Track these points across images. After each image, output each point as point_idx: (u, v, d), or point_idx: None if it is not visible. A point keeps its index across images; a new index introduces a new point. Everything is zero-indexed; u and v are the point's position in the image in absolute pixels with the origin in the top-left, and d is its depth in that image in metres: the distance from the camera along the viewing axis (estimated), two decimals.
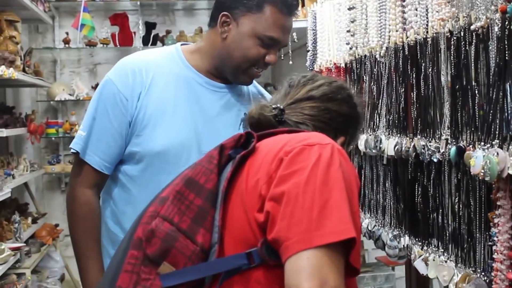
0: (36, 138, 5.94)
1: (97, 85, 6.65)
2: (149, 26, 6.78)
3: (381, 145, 2.52)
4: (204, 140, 2.18)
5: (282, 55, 4.26)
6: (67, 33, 6.64)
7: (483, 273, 1.89)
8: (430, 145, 2.14)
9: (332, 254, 1.30)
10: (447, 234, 2.13)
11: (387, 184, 2.62)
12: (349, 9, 2.94)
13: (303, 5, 4.32)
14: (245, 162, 1.52)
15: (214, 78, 2.26)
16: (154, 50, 2.36)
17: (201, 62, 2.26)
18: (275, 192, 1.40)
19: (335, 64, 3.22)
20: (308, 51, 3.80)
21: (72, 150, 2.22)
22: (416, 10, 2.24)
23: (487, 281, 1.86)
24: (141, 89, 2.17)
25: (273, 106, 1.69)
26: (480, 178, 1.76)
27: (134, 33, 6.74)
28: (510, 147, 1.68)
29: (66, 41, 6.65)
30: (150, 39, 6.75)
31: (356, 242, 1.35)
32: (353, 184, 1.42)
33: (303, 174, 1.39)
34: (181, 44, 2.36)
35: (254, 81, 2.44)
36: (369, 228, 2.77)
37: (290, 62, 4.20)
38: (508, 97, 1.68)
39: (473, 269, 1.95)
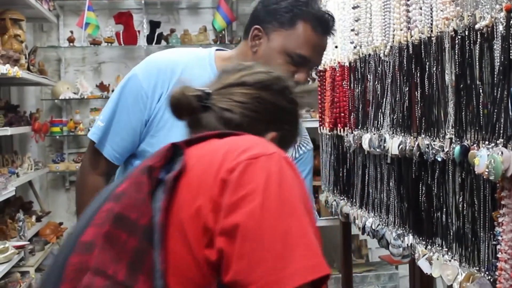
0: (41, 137, 5.95)
1: (101, 83, 6.74)
2: (154, 25, 6.78)
3: (385, 144, 2.52)
4: None
5: None
6: (71, 32, 6.65)
7: (487, 272, 1.89)
8: (434, 144, 2.13)
9: None
10: (451, 233, 2.13)
11: (391, 183, 2.62)
12: (354, 8, 2.94)
13: None
14: (177, 184, 1.29)
15: None
16: (189, 49, 2.35)
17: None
18: (226, 225, 1.20)
19: (339, 63, 3.22)
20: None
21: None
22: (421, 9, 2.24)
23: (491, 280, 1.86)
24: (163, 90, 2.16)
25: (198, 89, 1.51)
26: (484, 177, 1.76)
27: (139, 31, 6.74)
28: None
29: (71, 40, 6.65)
30: (155, 38, 6.75)
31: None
32: (304, 192, 1.30)
33: (254, 199, 1.21)
34: (217, 49, 2.34)
35: None
36: (373, 227, 2.77)
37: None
38: None
39: (477, 268, 1.95)
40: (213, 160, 1.30)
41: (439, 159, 2.11)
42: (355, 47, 2.95)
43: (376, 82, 2.67)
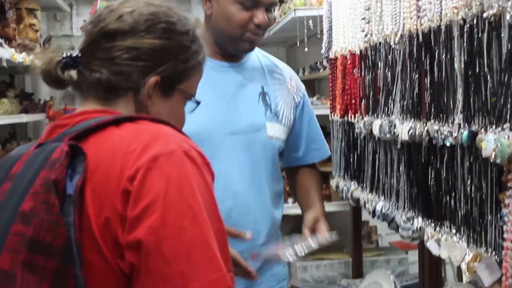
0: None
1: None
2: None
3: (395, 130, 2.58)
4: (228, 123, 2.24)
5: (298, 42, 4.33)
6: (84, 21, 6.72)
7: (493, 252, 1.96)
8: (443, 130, 2.20)
9: None
10: (459, 216, 2.19)
11: (401, 168, 2.68)
12: None
13: None
14: (83, 192, 1.28)
15: (223, 59, 2.31)
16: None
17: (206, 47, 2.33)
18: (130, 240, 1.22)
19: (350, 51, 3.28)
20: (319, 37, 3.86)
21: None
22: None
23: (498, 260, 1.93)
24: None
25: (64, 55, 1.45)
26: (491, 160, 1.83)
27: None
28: None
29: (84, 29, 6.73)
30: None
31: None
32: (209, 196, 1.29)
33: (154, 212, 1.22)
34: None
35: (267, 54, 2.50)
36: (383, 211, 2.84)
37: (306, 49, 4.27)
38: None
39: (484, 248, 2.01)
40: (113, 164, 1.28)
41: (448, 144, 2.18)
42: (366, 36, 3.00)
43: (387, 70, 2.73)
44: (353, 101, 3.22)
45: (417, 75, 2.44)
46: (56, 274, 1.21)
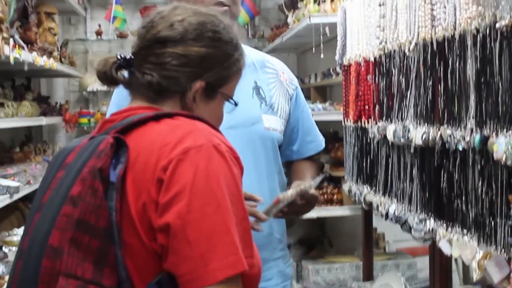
0: (70, 127, 6.16)
1: None
2: None
3: (409, 135, 2.67)
4: (224, 118, 2.27)
5: (313, 48, 4.42)
6: (99, 25, 6.84)
7: (503, 250, 2.04)
8: (456, 134, 2.29)
9: (231, 284, 1.33)
10: (470, 217, 2.28)
11: (414, 172, 2.77)
12: (380, 5, 3.08)
13: (332, 0, 4.47)
14: (125, 180, 1.42)
15: None
16: None
17: None
18: (161, 224, 1.36)
19: (364, 58, 3.37)
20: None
21: None
22: (445, 7, 2.38)
23: (507, 257, 2.02)
24: None
25: (118, 56, 1.55)
26: (502, 163, 1.92)
27: None
28: None
29: (98, 33, 6.85)
30: None
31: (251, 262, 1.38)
32: (235, 188, 1.41)
33: (182, 199, 1.35)
34: None
35: (256, 50, 2.57)
36: (396, 214, 2.93)
37: (322, 56, 4.36)
38: None
39: (494, 247, 2.10)
40: (151, 156, 1.41)
41: (460, 148, 2.27)
42: (380, 43, 3.09)
43: (401, 77, 2.82)
44: (367, 107, 3.31)
45: (431, 82, 2.53)
46: (98, 251, 1.36)
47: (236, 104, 1.72)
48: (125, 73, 1.58)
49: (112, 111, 2.24)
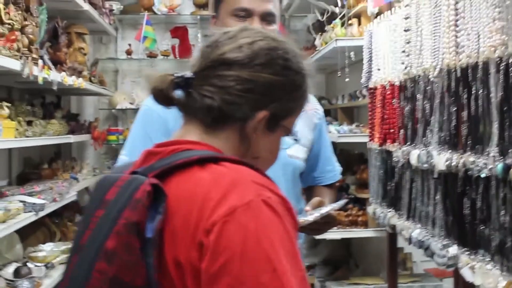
0: (99, 144, 6.22)
1: None
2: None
3: (432, 160, 2.67)
4: None
5: (339, 72, 4.44)
6: (129, 45, 6.92)
7: None
8: (478, 161, 2.29)
9: None
10: (493, 245, 2.27)
11: (437, 197, 2.76)
12: (405, 30, 3.10)
13: (359, 24, 4.49)
14: (163, 234, 1.29)
15: None
16: None
17: None
18: None
19: (389, 82, 3.38)
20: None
21: None
22: (469, 35, 2.39)
23: None
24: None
25: (176, 75, 1.41)
26: None
27: (193, 45, 6.98)
28: None
29: (129, 52, 6.93)
30: None
31: None
32: (289, 240, 1.26)
33: (233, 269, 1.20)
34: None
35: None
36: (419, 238, 2.92)
37: (347, 79, 4.38)
38: None
39: None
40: (191, 209, 1.27)
41: (483, 175, 2.26)
42: (405, 68, 3.10)
43: (425, 102, 2.83)
44: (392, 130, 3.32)
45: (454, 108, 2.53)
46: None
47: (296, 140, 1.60)
48: (182, 94, 1.44)
49: (130, 148, 2.27)
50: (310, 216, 2.23)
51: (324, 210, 2.22)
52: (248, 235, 1.21)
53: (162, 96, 1.42)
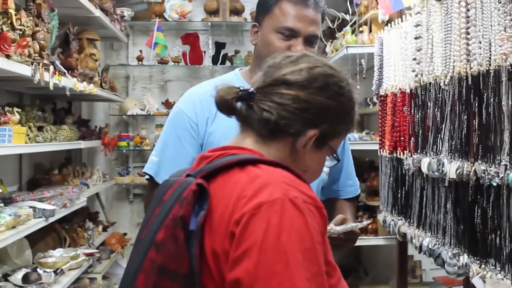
0: (109, 150, 6.22)
1: (167, 101, 7.00)
2: (219, 46, 7.02)
3: (443, 168, 2.66)
4: None
5: (350, 78, 4.43)
6: (140, 51, 6.93)
7: None
8: (490, 170, 2.27)
9: None
10: (504, 254, 2.26)
11: (448, 206, 2.75)
12: (416, 38, 3.09)
13: (370, 31, 4.49)
14: (204, 227, 1.45)
15: None
16: (216, 79, 2.53)
17: (254, 75, 2.41)
18: (230, 279, 1.37)
19: (400, 89, 3.37)
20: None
21: (146, 177, 2.37)
22: (480, 43, 2.39)
23: None
24: (209, 114, 2.29)
25: (240, 88, 1.57)
26: None
27: (204, 52, 6.99)
28: None
29: (140, 59, 6.94)
30: (219, 59, 6.98)
31: None
32: (310, 242, 1.38)
33: (251, 256, 1.35)
34: (240, 69, 2.50)
35: None
36: (430, 247, 2.91)
37: (357, 87, 4.36)
38: None
39: None
40: (228, 206, 1.43)
41: (494, 184, 2.25)
42: (416, 76, 3.09)
43: (436, 109, 2.82)
44: (402, 138, 3.30)
45: (465, 116, 2.52)
46: None
47: (338, 160, 1.71)
48: (244, 106, 1.59)
49: (161, 150, 2.32)
50: (336, 227, 2.23)
51: (349, 225, 2.24)
52: (270, 228, 1.35)
53: (226, 105, 1.58)
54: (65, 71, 4.13)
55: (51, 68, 3.67)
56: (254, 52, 2.43)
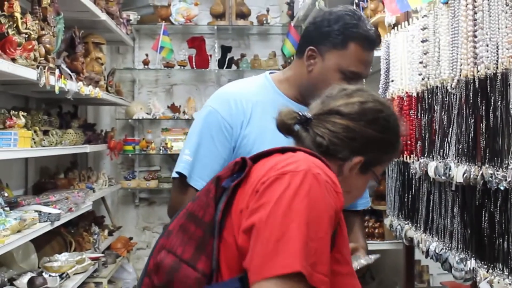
0: (115, 154, 6.22)
1: (173, 104, 6.99)
2: (225, 50, 7.02)
3: (450, 172, 2.64)
4: None
5: None
6: (146, 55, 6.93)
7: None
8: (497, 174, 2.26)
9: (285, 283, 1.44)
10: None
11: (455, 210, 2.73)
12: (422, 41, 3.08)
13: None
14: (238, 190, 1.64)
15: (300, 104, 2.39)
16: (247, 80, 2.51)
17: (289, 90, 2.40)
18: (245, 225, 1.54)
19: (407, 93, 3.35)
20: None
21: (173, 174, 2.34)
22: (487, 46, 2.37)
23: None
24: (243, 118, 2.30)
25: (300, 113, 1.76)
26: None
27: (210, 56, 6.99)
28: None
29: (146, 62, 6.94)
30: (226, 62, 6.98)
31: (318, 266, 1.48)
32: (321, 211, 1.51)
33: (267, 207, 1.51)
34: (270, 73, 2.49)
35: None
36: (437, 251, 2.89)
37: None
38: None
39: None
40: (260, 174, 1.61)
41: (502, 188, 2.23)
42: (423, 79, 3.08)
43: (443, 113, 2.80)
44: (409, 142, 3.29)
45: (472, 120, 2.50)
46: (200, 240, 1.61)
47: (379, 184, 1.91)
48: (301, 128, 1.78)
49: (195, 150, 2.32)
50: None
51: (362, 261, 2.24)
52: (288, 190, 1.52)
53: (285, 127, 1.78)
54: (71, 74, 4.12)
55: (57, 71, 3.66)
56: (301, 73, 2.37)
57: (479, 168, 2.42)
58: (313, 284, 1.46)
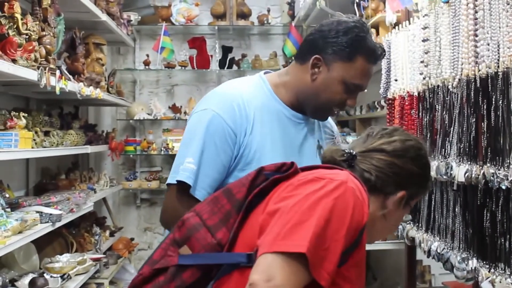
0: (116, 155, 6.22)
1: (174, 105, 6.99)
2: (226, 50, 7.01)
3: (451, 172, 2.63)
4: None
5: None
6: (147, 55, 6.93)
7: None
8: (499, 173, 2.25)
9: (289, 262, 1.51)
10: None
11: (456, 209, 2.73)
12: (423, 41, 3.07)
13: (377, 34, 4.46)
14: (278, 185, 1.75)
15: (295, 110, 2.37)
16: (242, 80, 2.43)
17: (286, 95, 2.34)
18: (271, 209, 1.66)
19: (408, 92, 3.35)
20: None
21: (172, 181, 2.24)
22: (488, 45, 2.36)
23: None
24: (247, 124, 2.24)
25: (346, 151, 1.88)
26: None
27: (211, 56, 6.98)
28: None
29: (146, 63, 6.94)
30: (227, 63, 6.97)
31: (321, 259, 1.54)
32: (344, 217, 1.58)
33: (296, 198, 1.63)
34: (264, 73, 2.43)
35: None
36: (438, 251, 2.88)
37: (365, 90, 4.33)
38: None
39: None
40: (303, 175, 1.73)
41: (504, 187, 2.23)
42: (424, 78, 3.07)
43: (444, 112, 2.79)
44: None
45: (474, 119, 2.50)
46: (226, 213, 1.74)
47: (412, 217, 1.95)
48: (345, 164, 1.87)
49: (199, 158, 2.23)
50: None
51: None
52: (320, 190, 1.61)
53: (333, 162, 1.86)
54: (70, 76, 4.12)
55: (58, 72, 3.66)
56: (302, 80, 2.31)
57: (480, 167, 2.42)
58: (314, 275, 1.52)
